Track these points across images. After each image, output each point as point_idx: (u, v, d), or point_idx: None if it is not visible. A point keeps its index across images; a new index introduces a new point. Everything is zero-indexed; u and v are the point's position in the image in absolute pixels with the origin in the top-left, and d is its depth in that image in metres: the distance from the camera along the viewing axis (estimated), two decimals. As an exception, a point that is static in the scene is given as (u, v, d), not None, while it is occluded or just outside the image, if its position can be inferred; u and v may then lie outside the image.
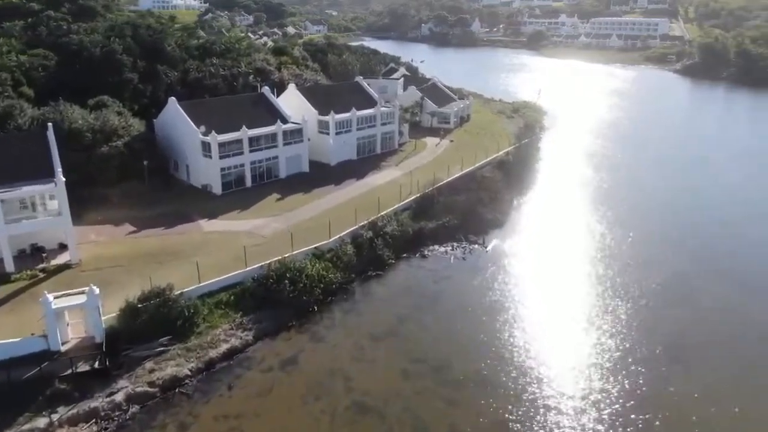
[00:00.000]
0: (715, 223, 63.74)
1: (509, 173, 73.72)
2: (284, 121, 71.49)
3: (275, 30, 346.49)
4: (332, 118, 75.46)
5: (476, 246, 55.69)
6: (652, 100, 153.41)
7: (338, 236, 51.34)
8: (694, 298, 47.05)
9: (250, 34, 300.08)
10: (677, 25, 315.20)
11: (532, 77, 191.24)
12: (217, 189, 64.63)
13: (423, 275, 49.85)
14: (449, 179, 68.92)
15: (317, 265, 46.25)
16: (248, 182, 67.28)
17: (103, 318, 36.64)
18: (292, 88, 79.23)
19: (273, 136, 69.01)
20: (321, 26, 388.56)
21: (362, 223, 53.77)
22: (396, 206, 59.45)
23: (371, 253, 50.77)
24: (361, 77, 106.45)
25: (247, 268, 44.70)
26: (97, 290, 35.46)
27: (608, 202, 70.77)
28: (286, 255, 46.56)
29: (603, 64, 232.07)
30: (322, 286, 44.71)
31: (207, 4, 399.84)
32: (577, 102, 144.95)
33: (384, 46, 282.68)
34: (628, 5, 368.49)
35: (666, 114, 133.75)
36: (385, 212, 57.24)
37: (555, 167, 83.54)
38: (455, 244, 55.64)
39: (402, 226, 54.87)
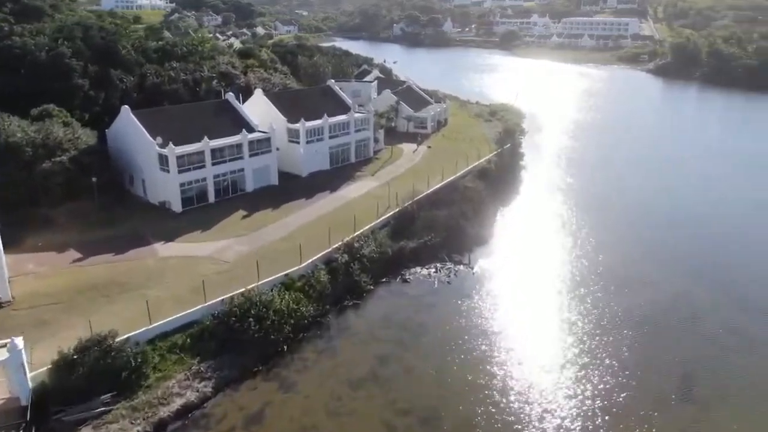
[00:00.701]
0: (704, 237, 60.50)
1: (492, 182, 69.45)
2: (250, 129, 66.04)
3: (244, 30, 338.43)
4: (302, 125, 70.22)
5: (461, 267, 51.12)
6: (627, 101, 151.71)
7: (310, 261, 46.23)
8: (696, 321, 43.31)
9: (218, 35, 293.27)
10: (647, 24, 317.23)
11: (507, 78, 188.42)
12: (177, 206, 58.85)
13: (405, 303, 45.05)
14: (429, 191, 64.31)
15: (287, 296, 41.07)
16: (211, 197, 61.64)
17: (31, 374, 30.97)
18: (258, 94, 73.69)
19: (238, 147, 63.49)
20: (291, 26, 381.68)
21: (337, 245, 48.71)
22: (373, 223, 54.55)
23: (347, 279, 45.80)
24: (333, 80, 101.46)
25: (207, 303, 39.30)
26: (20, 344, 29.77)
27: (594, 211, 67.09)
28: (252, 286, 41.30)
29: (576, 64, 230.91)
30: (292, 321, 39.55)
31: (173, 4, 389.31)
32: (555, 103, 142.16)
33: (356, 47, 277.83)
34: (598, 5, 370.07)
35: (642, 115, 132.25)
36: (361, 231, 52.32)
37: (538, 174, 79.76)
38: (439, 265, 50.95)
39: (380, 246, 50.00)
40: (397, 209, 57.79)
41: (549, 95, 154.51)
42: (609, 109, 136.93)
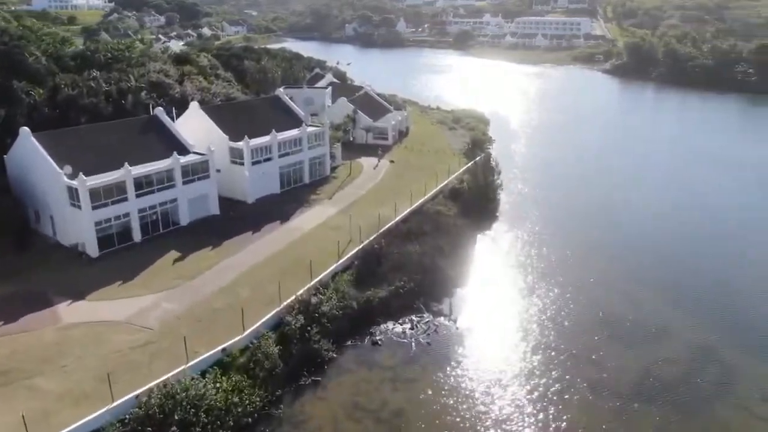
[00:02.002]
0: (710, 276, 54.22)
1: (466, 205, 61.28)
2: (184, 151, 55.91)
3: (189, 32, 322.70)
4: (247, 144, 60.42)
5: (442, 319, 42.59)
6: (588, 102, 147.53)
7: (257, 326, 36.78)
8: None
9: (161, 36, 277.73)
10: (598, 24, 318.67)
11: (465, 80, 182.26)
12: (92, 249, 48.22)
13: (377, 378, 36.10)
14: (397, 219, 55.67)
15: (224, 383, 31.61)
16: (137, 236, 51.22)
17: None
18: (194, 108, 63.39)
19: (169, 174, 53.27)
20: (240, 27, 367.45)
21: (290, 301, 39.42)
22: (333, 266, 45.44)
23: (304, 348, 36.62)
24: (284, 88, 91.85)
25: (113, 404, 29.38)
26: None
27: (580, 234, 60.03)
28: (177, 370, 31.64)
29: (533, 65, 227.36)
30: (231, 421, 30.10)
31: (112, 4, 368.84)
32: (517, 106, 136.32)
33: (308, 48, 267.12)
34: (549, 5, 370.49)
35: (605, 115, 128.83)
36: (320, 278, 43.18)
37: (514, 191, 72.19)
38: (415, 318, 42.25)
39: (344, 298, 40.96)
40: (362, 246, 48.80)
41: (510, 98, 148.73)
42: (572, 111, 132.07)
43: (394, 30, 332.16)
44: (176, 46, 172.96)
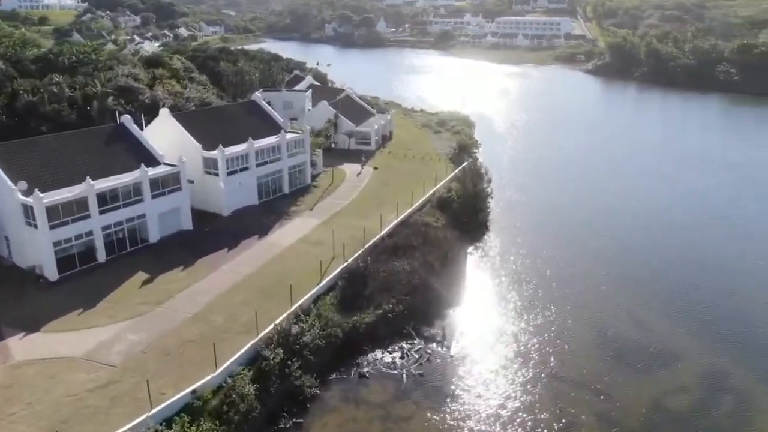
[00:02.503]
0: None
1: (456, 216, 58.15)
2: (153, 162, 51.90)
3: (166, 32, 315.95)
4: (221, 153, 56.56)
5: (434, 345, 39.32)
6: (572, 103, 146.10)
7: (231, 361, 33.13)
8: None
9: (136, 37, 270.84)
10: (578, 24, 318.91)
11: (447, 80, 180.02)
12: (51, 272, 44.08)
13: (365, 416, 32.72)
14: (383, 232, 52.34)
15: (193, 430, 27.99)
16: (101, 256, 47.13)
17: None
18: (165, 115, 59.29)
19: (136, 187, 49.25)
20: (217, 27, 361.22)
21: (268, 330, 35.84)
22: (315, 288, 41.92)
23: (284, 385, 33.12)
24: (261, 91, 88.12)
25: (64, 465, 25.65)
26: None
27: (574, 241, 57.44)
28: (137, 421, 27.91)
29: (515, 65, 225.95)
30: (201, 479, 26.55)
31: (86, 4, 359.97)
32: (502, 108, 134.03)
33: (287, 49, 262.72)
34: (529, 5, 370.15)
35: (590, 116, 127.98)
36: (301, 302, 39.65)
37: (504, 198, 69.20)
38: (405, 346, 38.91)
39: (327, 326, 37.48)
40: (345, 264, 45.33)
41: (494, 98, 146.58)
42: (557, 111, 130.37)
43: (375, 30, 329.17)
44: (150, 47, 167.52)
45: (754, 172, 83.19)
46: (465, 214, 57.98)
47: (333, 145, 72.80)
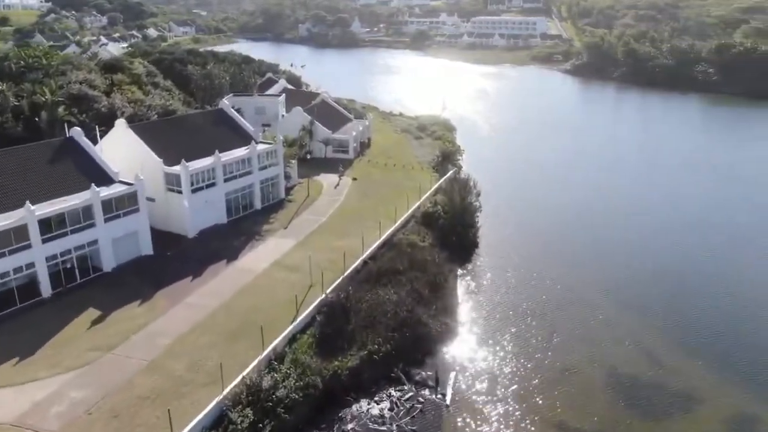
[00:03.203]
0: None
1: (444, 233, 53.71)
2: (107, 181, 46.46)
3: (134, 33, 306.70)
4: (185, 169, 51.17)
5: (427, 393, 34.60)
6: (554, 104, 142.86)
7: (191, 427, 28.04)
8: None
9: (102, 37, 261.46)
10: (553, 23, 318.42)
11: (425, 80, 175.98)
12: (-15, 312, 38.44)
13: (351, 487, 28.05)
14: (365, 255, 47.62)
15: None
16: (45, 290, 41.56)
17: None
18: (121, 126, 53.61)
19: (86, 210, 43.76)
20: (188, 27, 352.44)
21: (235, 384, 30.83)
22: (291, 326, 37.02)
23: (254, 453, 28.15)
24: (231, 96, 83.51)
25: None
26: None
27: (570, 258, 53.49)
28: None
29: (493, 65, 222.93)
30: None
31: (49, 4, 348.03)
32: (482, 110, 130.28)
33: (260, 50, 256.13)
34: (504, 4, 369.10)
35: (572, 118, 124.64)
36: (275, 344, 34.74)
37: (492, 210, 64.83)
38: (394, 394, 34.11)
39: (305, 374, 32.54)
40: (324, 295, 40.47)
41: (474, 100, 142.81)
42: (539, 113, 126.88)
43: (349, 30, 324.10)
44: (115, 48, 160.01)
45: (746, 175, 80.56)
46: (453, 231, 53.54)
47: (308, 156, 67.83)
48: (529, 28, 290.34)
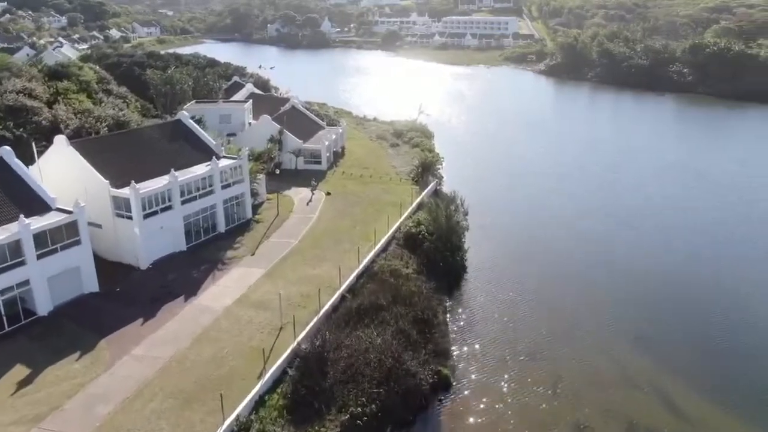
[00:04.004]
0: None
1: (429, 257, 48.48)
2: (41, 208, 40.08)
3: (95, 34, 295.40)
4: (134, 192, 44.89)
5: (421, 463, 29.51)
6: (531, 106, 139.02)
7: None
8: None
9: (61, 39, 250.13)
10: (525, 23, 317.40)
11: (398, 83, 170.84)
12: None
13: None
14: (343, 287, 42.17)
15: None
16: (-35, 343, 35.05)
17: None
18: (61, 144, 46.95)
19: (14, 246, 37.33)
20: (153, 28, 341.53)
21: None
22: (258, 386, 31.34)
23: None
24: (193, 104, 77.30)
25: None
26: None
27: (569, 283, 48.95)
28: None
29: (466, 66, 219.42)
30: None
31: (5, 3, 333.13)
32: (460, 114, 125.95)
33: (228, 51, 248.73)
34: (474, 4, 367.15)
35: (551, 121, 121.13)
36: (238, 411, 29.05)
37: (477, 225, 59.83)
38: (383, 468, 28.93)
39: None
40: (297, 342, 34.88)
41: (450, 103, 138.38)
42: (516, 116, 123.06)
43: (319, 30, 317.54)
44: (70, 51, 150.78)
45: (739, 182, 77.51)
46: (439, 254, 48.33)
47: (277, 172, 61.90)
48: (501, 28, 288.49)
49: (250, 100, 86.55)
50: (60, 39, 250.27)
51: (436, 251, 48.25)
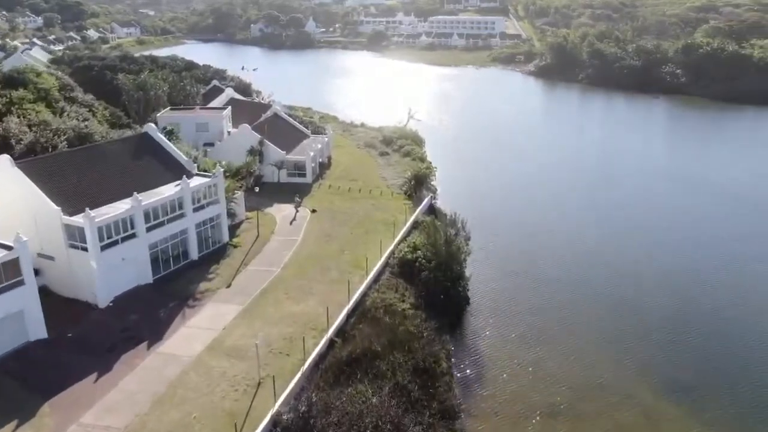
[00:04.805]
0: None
1: (427, 289, 43.18)
2: (-24, 245, 34.10)
3: (72, 34, 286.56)
4: (89, 220, 39.01)
5: None
6: (522, 110, 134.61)
7: None
8: None
9: (36, 40, 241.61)
10: (511, 23, 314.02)
11: (385, 84, 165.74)
12: None
13: None
14: (332, 331, 36.72)
15: None
16: None
17: None
18: (5, 164, 40.90)
19: (-60, 292, 31.39)
20: (132, 28, 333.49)
21: None
22: (230, 468, 25.89)
23: None
24: (165, 114, 71.67)
25: None
26: None
27: (585, 316, 43.99)
28: None
29: (454, 66, 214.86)
30: None
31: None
32: (450, 119, 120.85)
33: (209, 52, 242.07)
34: (461, 3, 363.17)
35: (546, 127, 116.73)
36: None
37: (477, 245, 54.54)
38: None
39: None
40: (277, 406, 29.39)
41: (439, 106, 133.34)
42: (511, 121, 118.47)
43: (304, 30, 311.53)
44: (40, 53, 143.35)
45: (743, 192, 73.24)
46: (439, 285, 43.01)
47: (256, 190, 56.15)
48: (488, 28, 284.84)
49: (229, 107, 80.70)
50: (34, 40, 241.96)
51: (435, 282, 42.92)
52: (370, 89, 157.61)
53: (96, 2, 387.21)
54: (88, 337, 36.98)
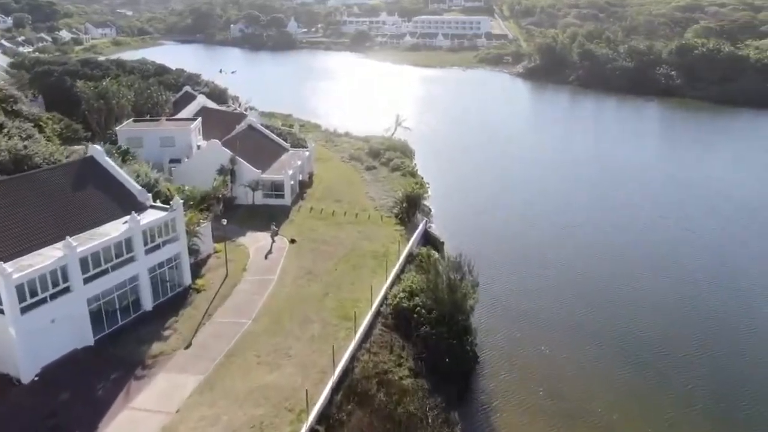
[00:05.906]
0: None
1: (429, 349, 35.70)
2: None
3: (43, 35, 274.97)
4: (4, 278, 30.93)
5: None
6: (515, 114, 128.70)
7: None
8: None
9: (4, 42, 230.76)
10: (497, 23, 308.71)
11: (371, 88, 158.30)
12: None
13: None
14: (313, 416, 29.16)
15: None
16: None
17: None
18: None
19: None
20: (108, 29, 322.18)
21: None
22: None
23: None
24: (126, 127, 64.13)
25: None
26: None
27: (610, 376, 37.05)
28: None
29: (440, 68, 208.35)
30: None
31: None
32: (440, 127, 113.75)
33: (188, 53, 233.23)
34: (445, 3, 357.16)
35: (541, 133, 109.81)
36: None
37: (482, 284, 47.32)
38: None
39: None
40: None
41: (427, 112, 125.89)
42: (504, 128, 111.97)
43: (285, 31, 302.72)
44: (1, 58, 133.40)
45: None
46: (442, 343, 35.63)
47: (224, 222, 48.20)
48: (473, 28, 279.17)
49: (199, 119, 72.54)
50: (3, 41, 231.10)
51: (437, 340, 35.51)
52: (354, 92, 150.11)
53: (71, 2, 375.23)
54: (4, 424, 29.04)
